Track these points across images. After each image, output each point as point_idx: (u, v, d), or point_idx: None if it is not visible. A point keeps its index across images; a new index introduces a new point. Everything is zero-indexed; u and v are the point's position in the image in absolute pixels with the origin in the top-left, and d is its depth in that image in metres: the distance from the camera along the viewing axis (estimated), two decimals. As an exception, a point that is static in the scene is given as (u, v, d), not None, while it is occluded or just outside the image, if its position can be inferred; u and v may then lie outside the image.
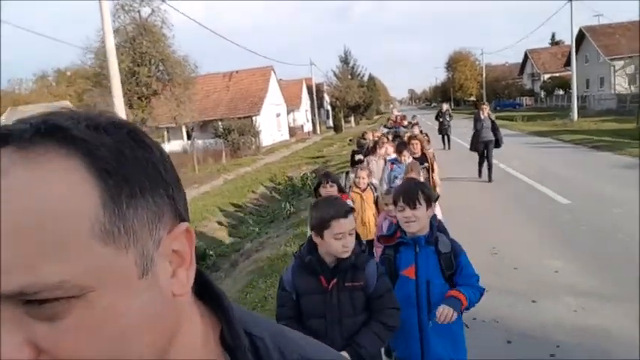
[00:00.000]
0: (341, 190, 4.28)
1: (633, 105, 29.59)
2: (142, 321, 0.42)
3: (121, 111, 15.13)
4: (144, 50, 19.83)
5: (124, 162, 0.42)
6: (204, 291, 0.53)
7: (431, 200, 2.34)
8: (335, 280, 2.01)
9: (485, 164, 10.39)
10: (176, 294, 0.46)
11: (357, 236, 2.13)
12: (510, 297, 4.43)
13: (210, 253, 9.91)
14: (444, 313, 2.17)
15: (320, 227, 2.00)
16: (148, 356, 0.43)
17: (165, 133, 31.48)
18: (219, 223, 12.48)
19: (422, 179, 4.61)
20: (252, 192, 16.53)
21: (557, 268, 5.12)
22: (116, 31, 18.75)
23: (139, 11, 19.91)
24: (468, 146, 11.07)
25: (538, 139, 19.24)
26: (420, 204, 2.28)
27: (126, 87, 18.22)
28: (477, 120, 10.38)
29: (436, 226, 2.39)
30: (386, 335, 2.06)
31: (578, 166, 11.97)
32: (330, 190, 4.03)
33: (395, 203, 2.40)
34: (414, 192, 2.30)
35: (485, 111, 10.48)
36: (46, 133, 0.41)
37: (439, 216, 3.81)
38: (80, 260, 0.39)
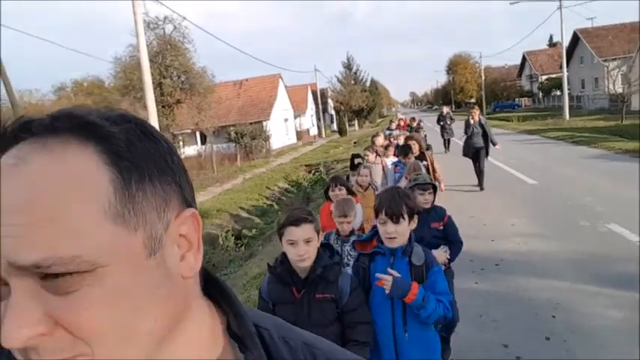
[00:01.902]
0: (350, 192, 4.39)
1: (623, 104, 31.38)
2: (150, 298, 0.45)
3: (153, 118, 17.21)
4: (168, 63, 21.91)
5: (133, 150, 0.45)
6: (210, 287, 0.57)
7: (414, 213, 2.25)
8: (304, 291, 2.04)
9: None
10: (185, 276, 0.49)
11: (331, 249, 2.20)
12: (477, 240, 6.36)
13: (245, 234, 11.89)
14: (386, 279, 2.13)
15: (279, 233, 2.09)
16: (156, 332, 0.46)
17: (181, 139, 33.55)
18: (248, 212, 14.46)
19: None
20: (271, 188, 18.50)
21: (514, 223, 7.09)
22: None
23: (163, 28, 22.02)
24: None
25: (527, 137, 21.20)
26: (404, 218, 2.19)
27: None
28: (467, 126, 9.94)
29: (413, 239, 2.30)
30: (365, 353, 2.10)
31: (553, 157, 13.96)
32: (338, 193, 4.17)
33: (376, 214, 2.26)
34: (398, 205, 2.19)
35: (476, 116, 9.90)
36: (63, 122, 0.45)
37: None
38: (92, 238, 0.42)
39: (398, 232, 2.18)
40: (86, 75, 49.78)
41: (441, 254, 3.24)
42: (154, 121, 17.28)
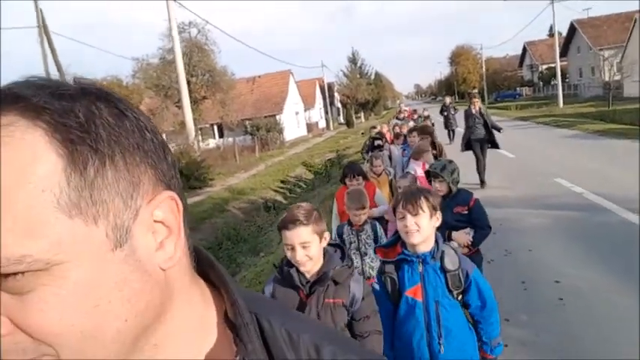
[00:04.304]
0: (365, 178, 4.47)
1: (617, 91, 33.53)
2: (118, 295, 0.41)
3: (188, 113, 19.72)
4: (194, 64, 24.43)
5: (91, 129, 0.40)
6: (209, 271, 0.53)
7: (436, 209, 2.11)
8: (314, 295, 1.91)
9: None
10: (163, 267, 0.44)
11: (342, 250, 2.08)
12: (461, 192, 8.83)
13: (275, 207, 14.39)
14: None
15: (279, 233, 1.97)
16: (129, 332, 0.42)
17: (200, 132, 36.09)
18: (275, 190, 16.97)
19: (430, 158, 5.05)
20: (291, 173, 21.00)
21: (491, 181, 9.52)
22: (171, 49, 23.34)
23: (189, 32, 24.52)
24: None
25: (519, 122, 23.60)
26: (423, 211, 2.05)
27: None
28: (468, 116, 9.18)
29: (442, 239, 2.16)
30: None
31: (534, 137, 16.47)
32: (356, 183, 4.19)
33: (394, 210, 2.17)
34: (416, 197, 2.08)
35: (477, 105, 9.18)
36: (7, 103, 0.39)
37: None
38: (44, 234, 0.38)
39: (418, 225, 2.04)
40: (105, 75, 52.51)
41: (462, 235, 3.30)
42: (189, 116, 19.87)
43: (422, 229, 2.05)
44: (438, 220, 2.13)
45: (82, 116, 0.40)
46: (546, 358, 3.25)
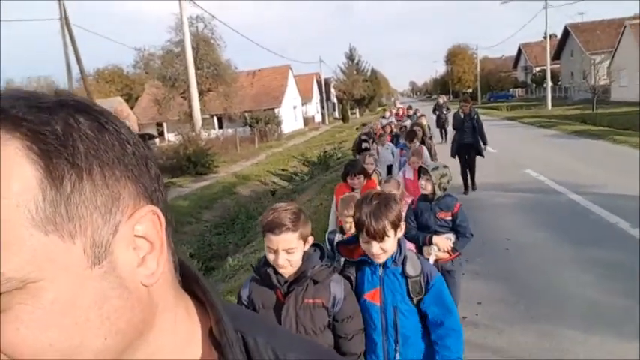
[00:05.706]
0: (367, 176, 4.37)
1: (604, 95, 35.04)
2: (96, 312, 0.40)
3: (196, 104, 20.96)
4: (201, 57, 25.63)
5: (68, 143, 0.39)
6: (195, 287, 0.52)
7: (400, 221, 2.04)
8: (292, 294, 1.87)
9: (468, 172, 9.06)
10: (145, 283, 0.43)
11: (322, 249, 2.01)
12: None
13: (277, 191, 15.74)
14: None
15: (262, 233, 1.90)
16: (109, 350, 0.41)
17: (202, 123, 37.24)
18: (276, 178, 18.32)
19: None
20: (291, 163, 22.33)
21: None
22: (179, 42, 24.52)
23: (196, 27, 25.70)
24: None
25: (507, 122, 25.11)
26: (388, 235, 1.97)
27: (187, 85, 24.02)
28: (455, 119, 8.93)
29: (405, 244, 2.11)
30: None
31: (517, 135, 17.99)
32: (357, 181, 4.15)
33: (357, 228, 2.06)
34: (379, 223, 1.96)
35: (466, 108, 8.77)
36: None
37: None
38: (18, 252, 0.37)
39: (383, 249, 1.98)
40: (107, 64, 53.47)
41: (443, 240, 3.32)
42: (196, 107, 21.12)
43: (388, 250, 2.01)
44: (401, 230, 2.07)
45: (60, 129, 0.39)
46: (492, 282, 4.67)
